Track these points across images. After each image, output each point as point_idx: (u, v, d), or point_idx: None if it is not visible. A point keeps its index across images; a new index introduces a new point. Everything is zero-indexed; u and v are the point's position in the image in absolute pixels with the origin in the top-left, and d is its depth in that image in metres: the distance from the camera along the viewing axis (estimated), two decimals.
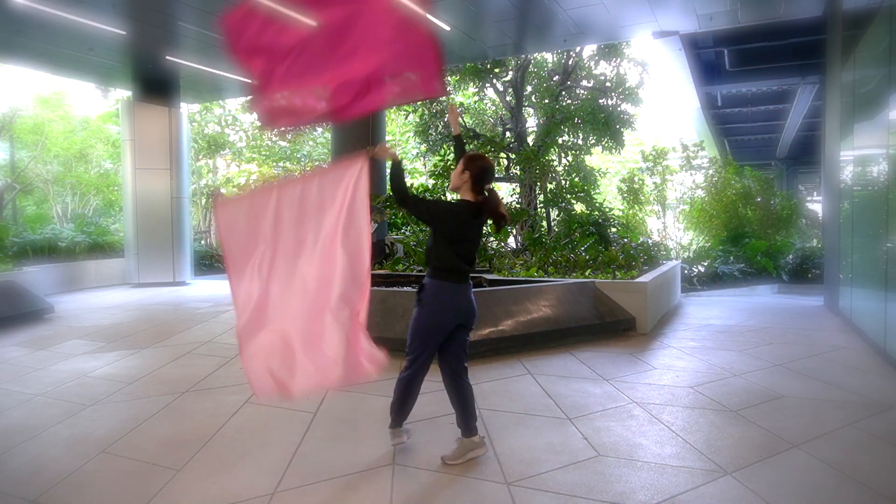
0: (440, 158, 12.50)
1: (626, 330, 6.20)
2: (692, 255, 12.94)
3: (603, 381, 4.49)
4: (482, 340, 5.18)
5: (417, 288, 3.08)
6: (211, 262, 15.21)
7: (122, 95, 16.00)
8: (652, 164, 15.82)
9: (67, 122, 19.97)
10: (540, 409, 3.86)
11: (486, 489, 2.74)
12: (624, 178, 16.23)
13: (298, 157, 20.57)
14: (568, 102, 15.74)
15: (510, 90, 16.18)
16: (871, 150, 6.02)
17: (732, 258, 11.83)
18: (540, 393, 4.20)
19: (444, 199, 10.76)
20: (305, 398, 3.64)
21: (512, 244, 11.33)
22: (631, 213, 15.37)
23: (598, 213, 10.95)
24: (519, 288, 5.87)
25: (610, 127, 14.80)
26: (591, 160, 16.97)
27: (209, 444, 3.34)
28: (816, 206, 19.35)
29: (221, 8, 8.18)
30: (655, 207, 16.11)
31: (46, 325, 7.25)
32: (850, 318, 6.63)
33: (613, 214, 11.85)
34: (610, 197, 19.85)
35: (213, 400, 4.15)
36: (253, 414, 3.85)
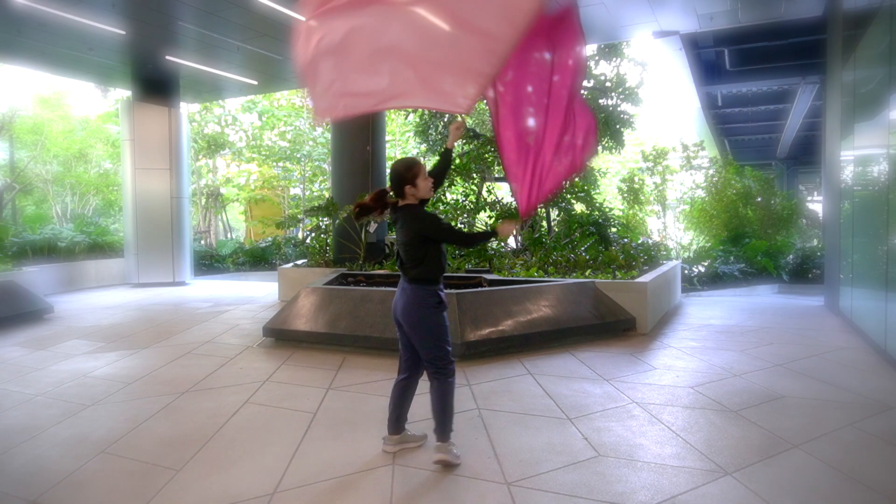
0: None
1: (626, 330, 6.20)
2: (692, 255, 12.94)
3: (603, 381, 4.49)
4: (482, 340, 5.18)
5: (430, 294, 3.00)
6: (211, 261, 15.21)
7: (121, 95, 16.01)
8: (652, 164, 15.83)
9: (67, 121, 19.98)
10: (540, 409, 3.86)
11: (486, 489, 2.74)
12: (624, 178, 16.23)
13: (298, 157, 20.56)
14: None
15: None
16: (871, 149, 6.02)
17: (733, 258, 11.83)
18: (540, 393, 4.19)
19: (443, 199, 10.76)
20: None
21: (512, 244, 11.32)
22: (631, 213, 15.37)
23: (598, 213, 10.92)
24: (519, 288, 5.87)
25: (610, 127, 14.78)
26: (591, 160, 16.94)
27: (209, 444, 3.33)
28: (817, 206, 19.36)
29: (221, 8, 8.20)
30: (655, 207, 16.12)
31: (46, 325, 7.25)
32: (850, 318, 6.63)
33: (613, 214, 11.82)
34: (610, 197, 19.85)
35: (213, 400, 4.15)
36: (253, 414, 3.85)
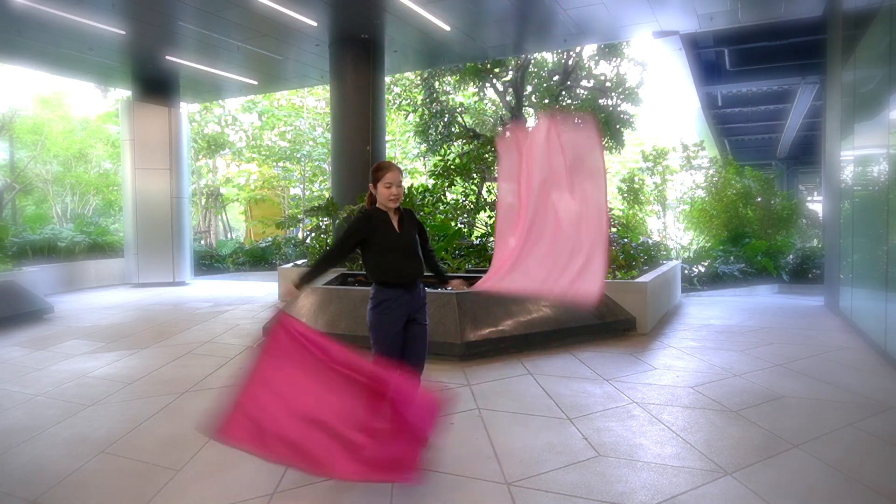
0: (440, 158, 12.48)
1: (626, 330, 6.20)
2: (692, 255, 12.94)
3: (603, 381, 4.49)
4: (482, 340, 5.18)
5: (423, 301, 3.07)
6: (211, 261, 15.21)
7: (121, 95, 16.01)
8: (652, 164, 15.82)
9: (67, 121, 19.97)
10: (540, 409, 3.86)
11: (486, 489, 2.74)
12: (624, 178, 16.23)
13: (298, 157, 20.56)
14: (568, 102, 15.73)
15: (510, 90, 16.17)
16: (871, 149, 6.02)
17: (733, 258, 11.82)
18: (540, 393, 4.19)
19: (443, 199, 10.73)
20: None
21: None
22: (631, 213, 15.36)
23: None
24: None
25: (610, 127, 14.79)
26: None
27: (209, 444, 3.33)
28: (817, 206, 19.36)
29: (221, 8, 8.21)
30: (655, 207, 16.12)
31: (46, 325, 7.25)
32: (850, 318, 6.63)
33: (613, 214, 11.82)
34: (610, 197, 19.84)
35: (213, 400, 4.14)
36: None
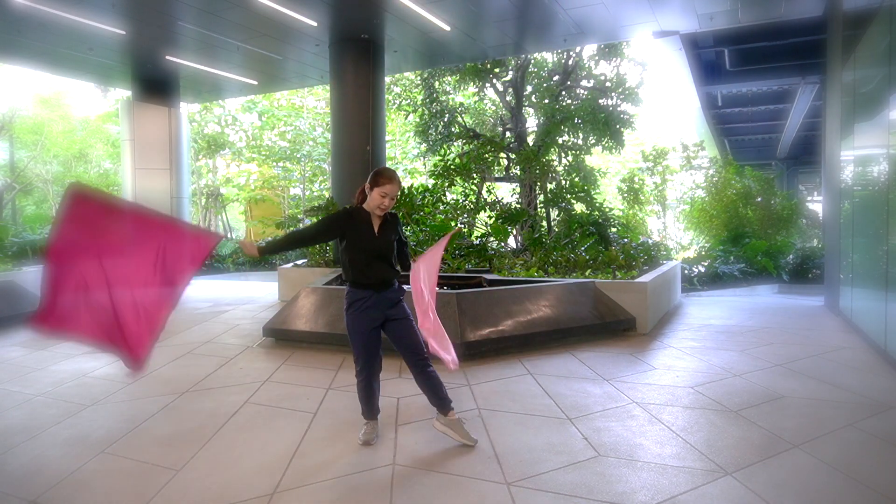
0: (440, 158, 12.49)
1: (626, 330, 6.20)
2: (692, 255, 12.95)
3: (603, 381, 4.49)
4: (482, 340, 5.18)
5: (396, 299, 3.24)
6: (210, 261, 15.22)
7: (121, 95, 16.01)
8: (652, 164, 15.86)
9: (67, 121, 19.98)
10: (540, 409, 3.86)
11: (486, 489, 2.74)
12: (624, 178, 16.27)
13: (298, 157, 20.56)
14: (568, 102, 15.73)
15: (510, 90, 16.17)
16: (871, 149, 6.02)
17: (733, 258, 11.83)
18: (540, 393, 4.19)
19: (443, 199, 10.75)
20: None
21: (512, 244, 11.33)
22: (631, 213, 15.38)
23: (598, 213, 10.93)
24: (519, 288, 5.87)
25: (610, 127, 14.79)
26: (591, 160, 16.97)
27: (209, 444, 3.33)
28: (817, 206, 19.37)
29: (221, 8, 8.21)
30: (655, 207, 16.13)
31: None
32: (850, 318, 6.63)
33: (613, 214, 11.84)
34: (610, 197, 19.85)
35: (213, 400, 4.15)
36: (253, 414, 3.85)
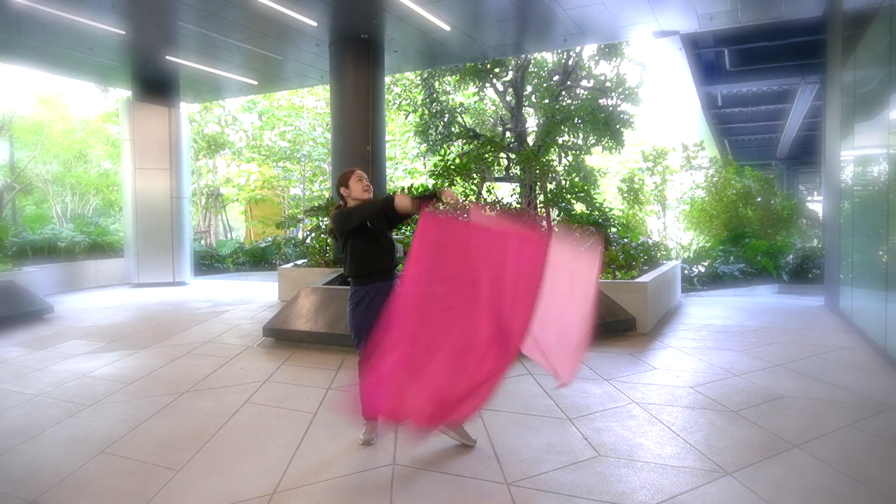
0: (440, 158, 12.49)
1: (626, 330, 6.20)
2: (692, 255, 12.94)
3: (603, 381, 4.49)
4: None
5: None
6: (211, 262, 15.21)
7: (121, 95, 16.01)
8: (652, 164, 15.85)
9: (67, 121, 19.98)
10: (540, 409, 3.86)
11: (486, 489, 2.74)
12: (624, 178, 16.24)
13: (298, 157, 20.55)
14: (568, 102, 15.72)
15: (510, 90, 16.16)
16: (871, 149, 6.02)
17: (733, 258, 11.82)
18: (540, 393, 4.19)
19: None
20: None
21: None
22: (631, 213, 15.37)
23: (598, 213, 10.92)
24: None
25: (610, 127, 14.77)
26: (591, 160, 16.95)
27: (209, 444, 3.33)
28: (817, 205, 19.35)
29: (221, 8, 8.20)
30: (655, 207, 16.13)
31: (46, 325, 7.25)
32: (850, 318, 6.63)
33: (613, 214, 11.82)
34: (610, 197, 19.84)
35: (213, 400, 4.15)
36: (253, 414, 3.85)
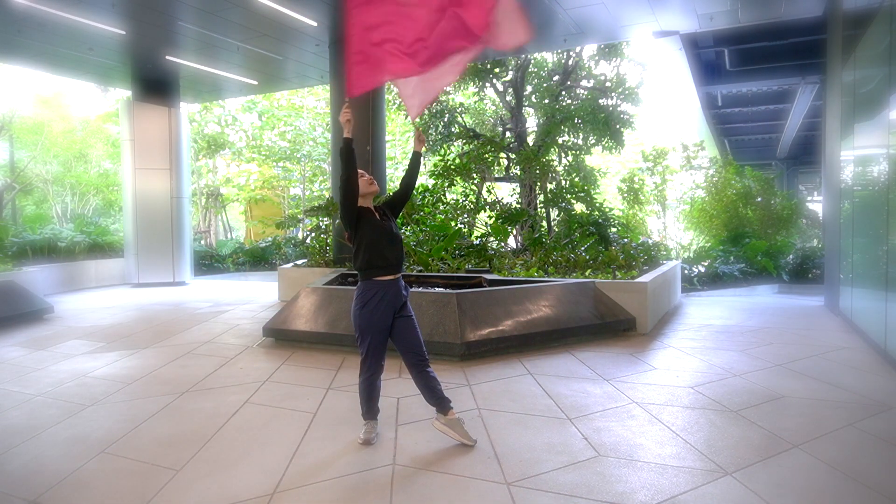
0: (440, 158, 12.49)
1: (626, 330, 6.20)
2: (692, 255, 12.94)
3: (603, 381, 4.49)
4: (482, 340, 5.18)
5: (406, 297, 3.32)
6: (211, 261, 15.21)
7: (121, 95, 16.01)
8: (652, 164, 15.85)
9: (67, 121, 19.99)
10: (540, 409, 3.86)
11: (486, 489, 2.74)
12: (624, 178, 16.25)
13: (298, 157, 20.56)
14: (568, 102, 15.72)
15: (510, 90, 16.16)
16: (871, 149, 6.02)
17: (733, 258, 11.82)
18: (540, 393, 4.19)
19: (443, 199, 10.75)
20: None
21: (512, 244, 11.32)
22: (631, 213, 15.37)
23: (598, 213, 10.92)
24: (519, 288, 5.87)
25: (610, 127, 14.78)
26: (591, 160, 16.96)
27: (209, 444, 3.33)
28: (817, 206, 19.36)
29: (221, 8, 8.20)
30: (655, 207, 16.13)
31: (46, 325, 7.25)
32: (850, 318, 6.63)
33: (613, 214, 11.83)
34: (610, 197, 19.84)
35: (213, 400, 4.15)
36: (253, 414, 3.85)
